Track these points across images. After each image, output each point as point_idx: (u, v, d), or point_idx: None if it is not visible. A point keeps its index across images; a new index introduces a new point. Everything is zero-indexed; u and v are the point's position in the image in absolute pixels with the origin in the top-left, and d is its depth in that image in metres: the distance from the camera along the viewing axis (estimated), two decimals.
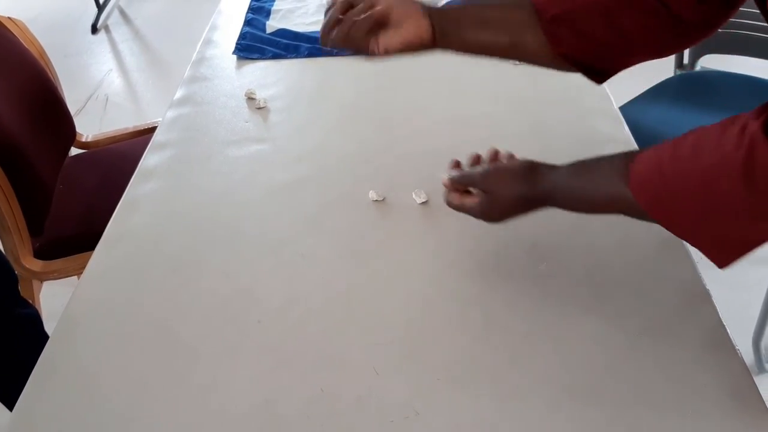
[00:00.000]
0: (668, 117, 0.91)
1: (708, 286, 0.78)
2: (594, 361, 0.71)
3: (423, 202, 0.96)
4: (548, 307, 0.78)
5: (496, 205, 0.77)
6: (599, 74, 0.84)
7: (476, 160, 0.84)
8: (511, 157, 0.81)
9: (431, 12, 0.83)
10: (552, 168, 0.74)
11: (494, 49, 0.85)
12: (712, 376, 0.68)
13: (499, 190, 0.76)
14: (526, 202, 0.76)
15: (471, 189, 0.79)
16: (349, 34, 0.81)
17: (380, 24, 0.81)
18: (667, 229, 0.62)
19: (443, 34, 0.84)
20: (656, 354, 0.71)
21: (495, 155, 0.82)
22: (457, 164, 0.84)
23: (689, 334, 0.73)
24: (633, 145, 1.02)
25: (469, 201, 0.79)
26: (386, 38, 0.82)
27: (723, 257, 0.60)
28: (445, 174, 0.81)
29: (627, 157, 0.66)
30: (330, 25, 0.82)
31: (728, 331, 0.72)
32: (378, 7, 0.81)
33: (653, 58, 0.81)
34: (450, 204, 0.82)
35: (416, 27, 0.82)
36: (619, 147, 0.99)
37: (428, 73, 1.30)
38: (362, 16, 0.80)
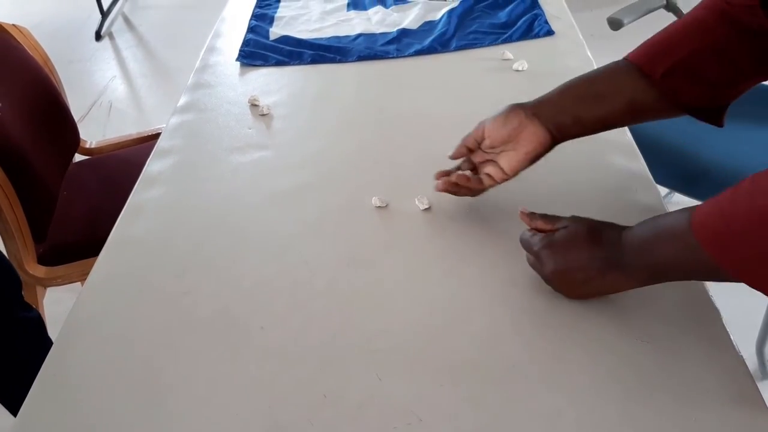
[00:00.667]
0: (673, 122, 0.91)
1: (711, 292, 0.78)
2: (597, 367, 0.71)
3: (426, 209, 0.96)
4: (551, 313, 0.77)
5: (560, 258, 0.75)
6: (718, 113, 0.83)
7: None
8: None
9: (538, 113, 0.83)
10: (618, 231, 0.73)
11: (612, 121, 0.85)
12: (716, 382, 0.68)
13: (567, 245, 0.75)
14: (602, 265, 0.72)
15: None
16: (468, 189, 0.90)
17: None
18: (732, 275, 0.60)
19: (560, 130, 0.84)
20: (659, 359, 0.71)
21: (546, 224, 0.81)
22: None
23: (692, 340, 0.72)
24: (635, 151, 1.02)
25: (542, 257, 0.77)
26: (507, 162, 0.85)
27: None
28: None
29: (687, 211, 0.64)
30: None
31: (732, 337, 0.72)
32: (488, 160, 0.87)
33: (765, 80, 0.81)
34: (528, 251, 0.80)
35: (532, 140, 0.83)
36: (622, 151, 1.00)
37: (432, 80, 1.31)
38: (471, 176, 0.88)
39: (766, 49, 0.77)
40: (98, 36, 3.91)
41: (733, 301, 0.92)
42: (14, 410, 0.86)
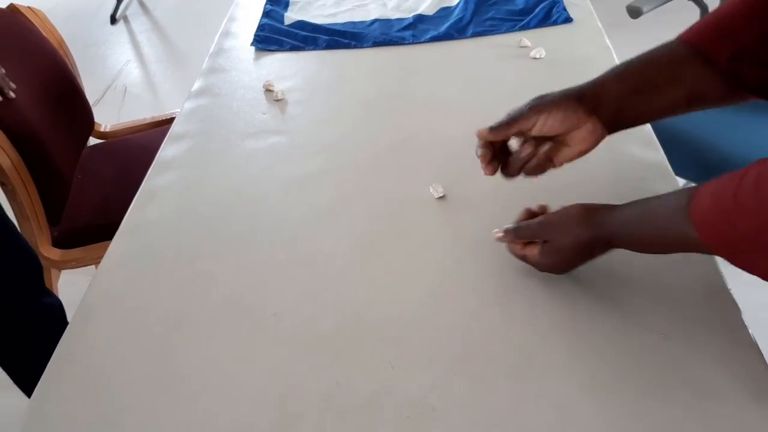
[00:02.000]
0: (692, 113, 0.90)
1: (729, 285, 0.77)
2: (612, 360, 0.70)
3: (440, 197, 0.95)
4: (567, 304, 0.77)
5: (556, 254, 0.75)
6: None
7: (528, 214, 0.81)
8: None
9: (597, 109, 0.77)
10: (610, 210, 0.72)
11: (671, 112, 0.80)
12: (733, 378, 0.67)
13: (558, 237, 0.74)
14: (587, 246, 0.73)
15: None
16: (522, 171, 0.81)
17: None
18: (745, 270, 0.59)
19: (617, 125, 0.79)
20: (675, 354, 0.70)
21: (544, 210, 0.81)
22: (527, 214, 0.81)
23: (710, 335, 0.71)
24: (654, 140, 1.01)
25: (531, 251, 0.78)
26: (560, 157, 0.79)
27: None
28: (497, 229, 0.81)
29: (688, 195, 0.62)
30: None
31: (750, 332, 0.71)
32: (545, 148, 0.78)
33: None
34: (513, 253, 0.81)
35: (589, 139, 0.78)
36: (640, 141, 0.98)
37: (447, 66, 1.29)
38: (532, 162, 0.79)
39: None
40: (113, 20, 3.91)
41: (751, 294, 0.91)
42: (30, 392, 0.87)
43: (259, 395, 0.72)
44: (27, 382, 1.37)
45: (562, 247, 0.74)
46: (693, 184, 1.55)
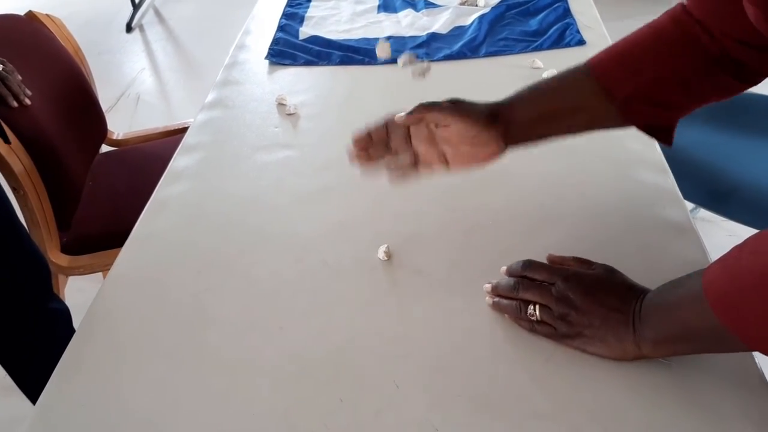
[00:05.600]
0: (703, 138, 0.89)
1: None
2: (618, 385, 0.70)
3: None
4: None
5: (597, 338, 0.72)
6: (668, 131, 0.83)
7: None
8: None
9: (506, 134, 0.81)
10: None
11: (570, 133, 0.85)
12: (738, 404, 0.66)
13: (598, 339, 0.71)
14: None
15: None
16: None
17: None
18: (741, 339, 0.58)
19: (516, 145, 0.83)
20: (681, 379, 0.70)
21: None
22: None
23: (715, 361, 0.71)
24: (664, 166, 1.01)
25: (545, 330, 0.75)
26: (457, 161, 0.83)
27: None
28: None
29: (698, 276, 0.63)
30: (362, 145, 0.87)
31: (756, 359, 0.71)
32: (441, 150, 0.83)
33: (719, 100, 0.81)
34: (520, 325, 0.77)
35: (491, 155, 0.82)
36: (651, 167, 0.98)
37: (460, 85, 1.30)
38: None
39: (727, 82, 0.77)
40: (129, 28, 3.95)
41: None
42: (35, 399, 0.87)
43: (263, 409, 0.71)
44: (31, 388, 1.38)
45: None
46: (702, 210, 1.54)
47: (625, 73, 0.80)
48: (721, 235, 2.00)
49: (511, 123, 0.81)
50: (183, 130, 1.38)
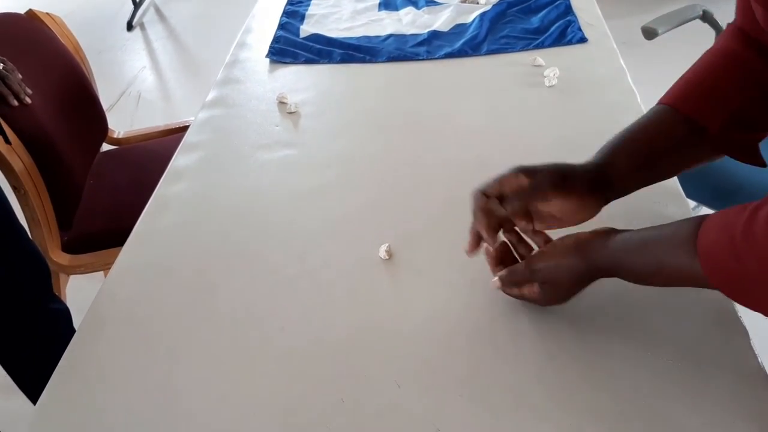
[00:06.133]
0: None
1: (738, 311, 0.76)
2: (620, 385, 0.70)
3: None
4: (576, 326, 0.76)
5: (555, 289, 0.74)
6: (756, 151, 0.80)
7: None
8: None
9: (609, 197, 0.78)
10: (606, 238, 0.70)
11: (668, 176, 0.84)
12: (742, 407, 0.66)
13: (553, 274, 0.73)
14: (585, 277, 0.72)
15: None
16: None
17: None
18: (750, 308, 0.59)
19: (616, 197, 0.79)
20: (685, 382, 0.69)
21: (544, 237, 0.78)
22: (497, 263, 0.79)
23: (719, 362, 0.71)
24: None
25: (529, 290, 0.75)
26: (554, 225, 0.78)
27: None
28: (494, 279, 0.78)
29: (693, 226, 0.61)
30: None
31: (759, 359, 0.71)
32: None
33: None
34: (510, 295, 0.78)
35: (591, 215, 0.78)
36: None
37: (461, 83, 1.30)
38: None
39: None
40: (130, 26, 3.95)
41: (761, 320, 0.90)
42: (35, 399, 0.87)
43: (264, 409, 0.71)
44: (31, 388, 1.37)
45: (560, 282, 0.73)
46: (704, 207, 1.54)
47: (713, 103, 0.77)
48: None
49: (614, 184, 0.78)
50: (184, 129, 1.37)
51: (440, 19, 1.53)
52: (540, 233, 0.78)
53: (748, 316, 0.76)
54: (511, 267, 0.77)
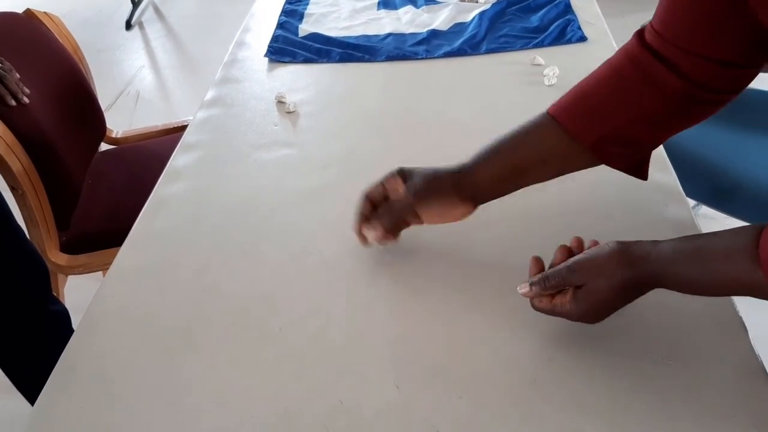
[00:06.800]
0: (705, 135, 0.88)
1: (738, 310, 0.76)
2: (619, 385, 0.69)
3: None
4: (575, 327, 0.76)
5: (592, 299, 0.68)
6: (641, 165, 0.82)
7: (564, 253, 0.74)
8: (594, 244, 0.72)
9: (474, 198, 0.83)
10: (653, 246, 0.66)
11: (538, 183, 0.84)
12: (742, 406, 0.66)
13: (593, 280, 0.67)
14: (629, 289, 0.67)
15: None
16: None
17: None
18: None
19: (485, 200, 0.84)
20: (683, 380, 0.69)
21: (580, 244, 0.75)
22: (537, 265, 0.75)
23: (718, 361, 0.71)
24: (667, 164, 1.00)
25: (561, 300, 0.70)
26: (428, 219, 0.85)
27: None
28: (521, 285, 0.73)
29: (752, 234, 0.59)
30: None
31: (759, 358, 0.70)
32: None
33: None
34: (539, 309, 0.73)
35: (458, 216, 0.85)
36: (653, 164, 0.97)
37: (460, 83, 1.29)
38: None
39: (698, 109, 0.75)
40: (128, 25, 3.94)
41: (761, 319, 0.90)
42: (33, 400, 0.87)
43: (262, 410, 0.71)
44: (29, 389, 1.37)
45: (598, 291, 0.67)
46: (704, 207, 1.54)
47: (592, 120, 0.77)
48: None
49: (477, 186, 0.82)
50: (182, 128, 1.37)
51: (439, 18, 1.52)
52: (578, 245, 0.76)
53: (748, 314, 0.76)
54: (548, 272, 0.72)
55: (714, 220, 2.03)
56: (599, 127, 0.77)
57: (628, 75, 0.76)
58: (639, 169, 0.82)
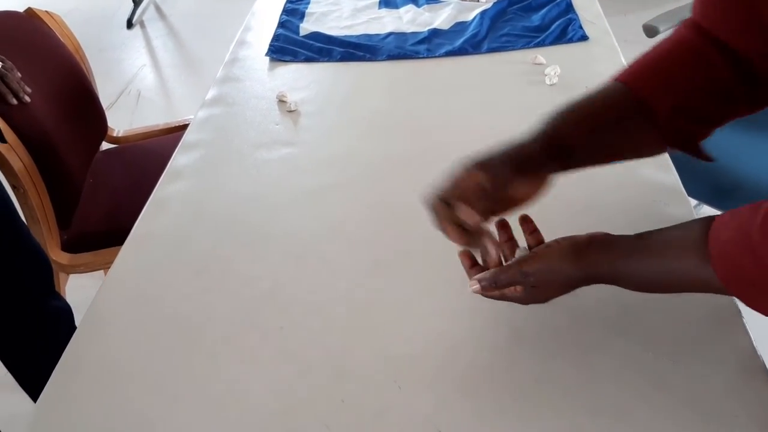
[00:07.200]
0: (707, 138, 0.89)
1: (741, 310, 0.76)
2: (621, 383, 0.69)
3: None
4: (576, 325, 0.76)
5: (544, 292, 0.69)
6: (699, 147, 0.78)
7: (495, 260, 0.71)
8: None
9: (559, 162, 0.74)
10: (605, 245, 0.66)
11: (611, 159, 0.79)
12: (743, 406, 0.66)
13: (546, 281, 0.67)
14: (579, 284, 0.68)
15: None
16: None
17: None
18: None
19: (574, 165, 0.76)
20: (685, 379, 0.69)
21: (535, 233, 0.73)
22: (468, 259, 0.74)
23: (720, 360, 0.70)
24: (668, 163, 1.00)
25: (511, 291, 0.70)
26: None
27: None
28: (471, 282, 0.71)
29: (701, 230, 0.58)
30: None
31: (762, 358, 0.70)
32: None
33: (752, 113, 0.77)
34: (489, 297, 0.72)
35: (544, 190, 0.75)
36: (654, 164, 0.97)
37: (461, 82, 1.29)
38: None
39: (757, 84, 0.72)
40: (129, 24, 3.94)
41: (764, 320, 0.89)
42: (36, 397, 0.87)
43: (264, 410, 0.71)
44: (32, 386, 1.37)
45: (549, 288, 0.68)
46: (705, 206, 1.53)
47: (665, 86, 0.74)
48: None
49: (572, 150, 0.75)
50: (183, 127, 1.37)
51: (441, 17, 1.52)
52: (535, 233, 0.74)
53: (748, 314, 0.76)
54: (497, 269, 0.70)
55: None
56: (672, 95, 0.73)
57: (695, 46, 0.74)
58: (698, 149, 0.78)
